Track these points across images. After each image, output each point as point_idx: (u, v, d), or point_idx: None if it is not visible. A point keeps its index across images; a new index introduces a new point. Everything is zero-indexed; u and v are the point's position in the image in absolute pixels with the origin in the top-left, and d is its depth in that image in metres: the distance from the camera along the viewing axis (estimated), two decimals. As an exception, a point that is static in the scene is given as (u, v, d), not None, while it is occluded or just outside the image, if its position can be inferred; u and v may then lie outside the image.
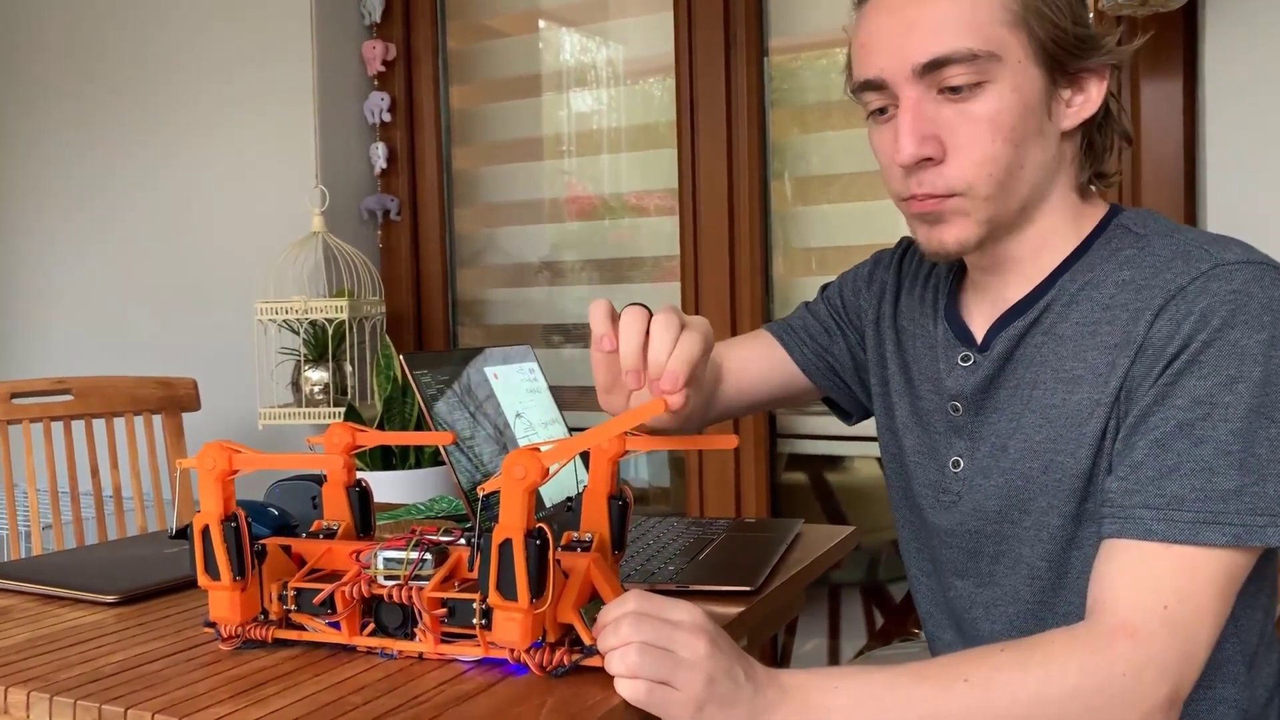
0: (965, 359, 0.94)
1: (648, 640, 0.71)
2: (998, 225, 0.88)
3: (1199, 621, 0.75)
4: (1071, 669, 0.73)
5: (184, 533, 0.87)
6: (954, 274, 1.00)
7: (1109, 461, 0.84)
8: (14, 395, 1.69)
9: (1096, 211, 0.92)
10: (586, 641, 0.75)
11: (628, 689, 0.71)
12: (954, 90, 0.84)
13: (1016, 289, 0.92)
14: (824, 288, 1.16)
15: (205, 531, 0.81)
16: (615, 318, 0.84)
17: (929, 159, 0.85)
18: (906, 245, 1.08)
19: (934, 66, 0.84)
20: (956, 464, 0.95)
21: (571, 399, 2.22)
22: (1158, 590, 0.75)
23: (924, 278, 1.03)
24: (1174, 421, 0.78)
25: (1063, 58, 0.86)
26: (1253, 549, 0.77)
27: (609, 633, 0.72)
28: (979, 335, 0.94)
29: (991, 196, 0.86)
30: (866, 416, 1.13)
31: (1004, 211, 0.88)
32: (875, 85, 0.88)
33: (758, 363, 1.11)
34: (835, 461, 2.13)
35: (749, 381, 1.10)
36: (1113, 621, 0.75)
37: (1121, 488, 0.80)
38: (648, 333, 0.81)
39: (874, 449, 2.02)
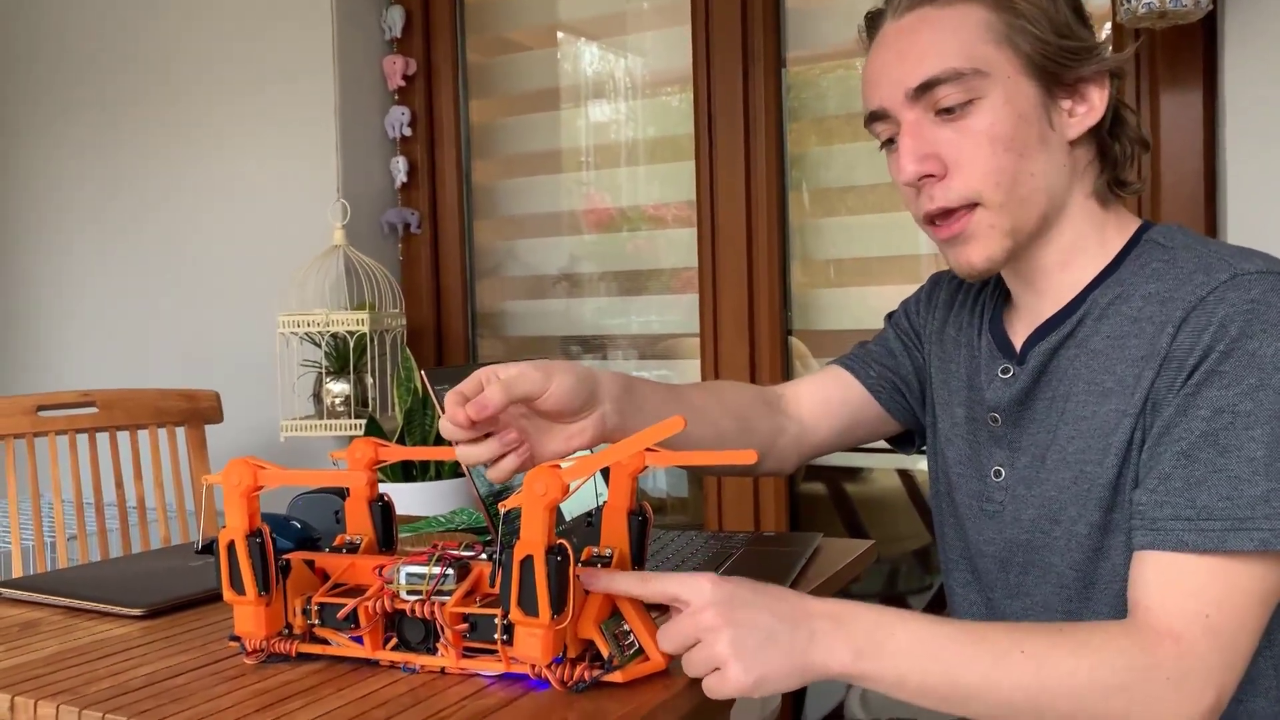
0: (1005, 371, 0.97)
1: (679, 643, 0.76)
2: (1021, 236, 0.91)
3: (1240, 630, 0.76)
4: (1121, 664, 0.74)
5: (209, 547, 0.88)
6: (1000, 288, 1.02)
7: (1135, 472, 0.85)
8: (40, 408, 1.71)
9: (1126, 225, 0.95)
10: (605, 655, 0.76)
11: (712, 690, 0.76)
12: (948, 111, 0.89)
13: (1051, 303, 0.95)
14: (889, 315, 1.18)
15: (231, 547, 0.82)
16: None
17: (930, 175, 0.90)
18: None
19: (925, 89, 0.89)
20: (998, 474, 0.97)
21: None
22: (1198, 598, 0.76)
23: (975, 292, 1.06)
24: (1198, 432, 0.80)
25: (1054, 69, 0.89)
26: None
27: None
28: (1019, 348, 0.97)
29: (1006, 205, 0.89)
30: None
31: (1024, 222, 0.91)
32: (880, 116, 0.93)
33: (830, 390, 1.12)
34: (854, 473, 2.13)
35: (827, 412, 1.12)
36: (1157, 626, 0.76)
37: (1151, 500, 0.81)
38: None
39: (893, 460, 2.02)
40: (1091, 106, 0.91)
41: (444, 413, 0.84)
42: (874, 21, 0.96)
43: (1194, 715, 0.74)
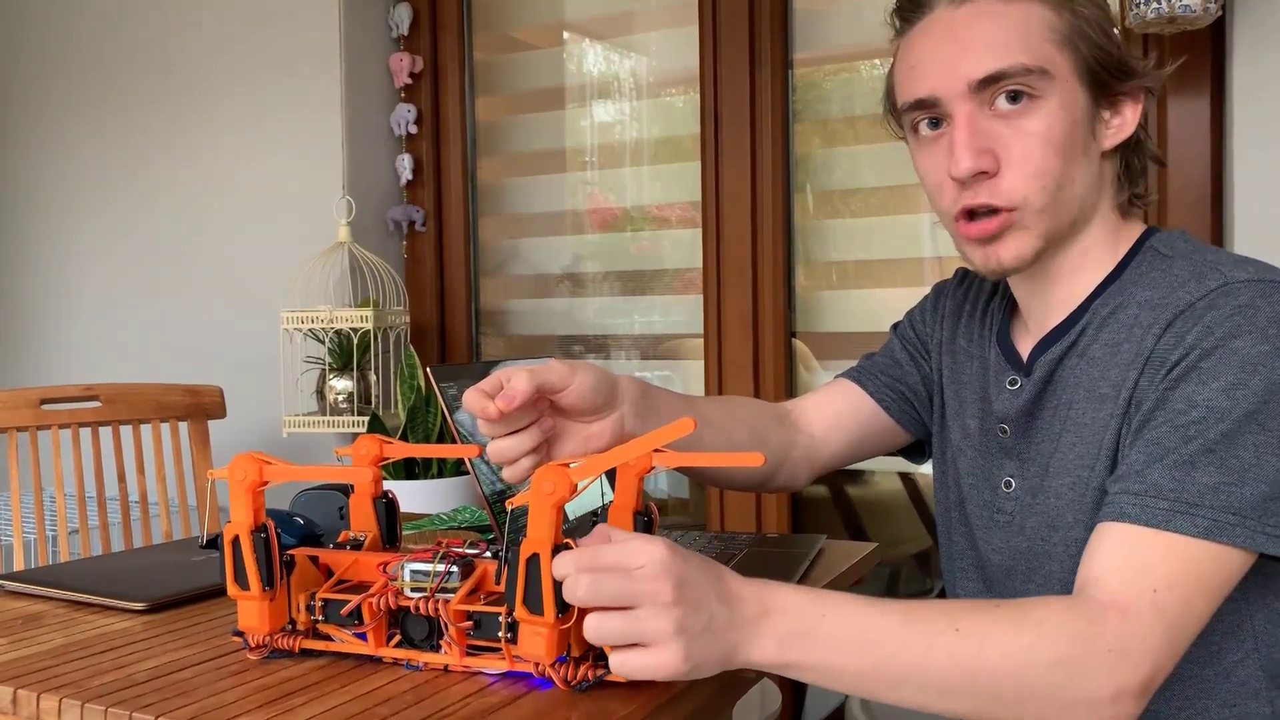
0: (1012, 382, 0.97)
1: (607, 596, 0.70)
2: (1053, 240, 0.91)
3: (1185, 613, 0.76)
4: (1063, 636, 0.73)
5: (214, 542, 0.88)
6: (1008, 299, 1.02)
7: None
8: (43, 401, 1.71)
9: (1133, 233, 0.95)
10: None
11: (614, 664, 0.71)
12: (1011, 100, 0.87)
13: (1056, 312, 0.95)
14: (894, 326, 1.18)
15: (235, 542, 0.82)
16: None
17: (984, 172, 0.88)
18: (965, 272, 1.11)
19: (989, 82, 0.87)
20: (1008, 485, 0.97)
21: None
22: (1148, 574, 0.76)
23: (983, 302, 1.06)
24: (1170, 423, 0.81)
25: (1104, 79, 0.89)
26: (1239, 551, 0.78)
27: (567, 590, 0.71)
28: (1026, 359, 0.97)
29: (1047, 208, 0.89)
30: None
31: (1059, 226, 0.90)
32: (927, 104, 0.90)
33: (838, 404, 1.12)
34: (856, 475, 2.13)
35: (837, 425, 1.12)
36: (1105, 598, 0.76)
37: (1111, 478, 0.83)
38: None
39: (895, 464, 2.02)
40: (1125, 121, 0.91)
41: (450, 413, 0.84)
42: (918, 3, 0.92)
43: (1128, 685, 0.73)
